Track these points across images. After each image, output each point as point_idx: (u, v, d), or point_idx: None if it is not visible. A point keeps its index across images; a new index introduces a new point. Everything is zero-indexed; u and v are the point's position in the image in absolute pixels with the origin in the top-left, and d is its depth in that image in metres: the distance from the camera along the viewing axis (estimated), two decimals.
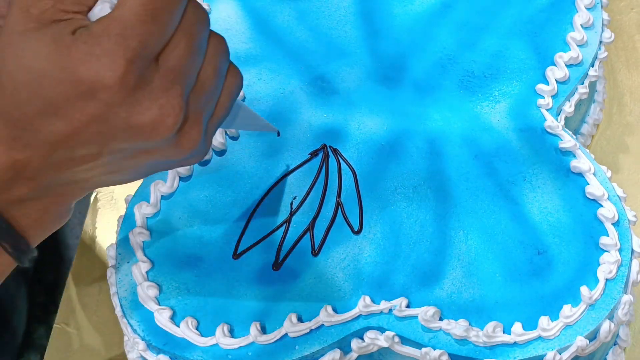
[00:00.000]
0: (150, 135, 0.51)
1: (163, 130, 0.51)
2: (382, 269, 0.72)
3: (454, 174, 0.76)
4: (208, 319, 0.71)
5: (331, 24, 0.85)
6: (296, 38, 0.85)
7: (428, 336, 0.70)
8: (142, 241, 0.74)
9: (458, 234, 0.74)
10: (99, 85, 0.48)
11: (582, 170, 0.76)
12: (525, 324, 0.70)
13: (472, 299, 0.71)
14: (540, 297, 0.71)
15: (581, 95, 0.81)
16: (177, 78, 0.51)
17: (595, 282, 0.71)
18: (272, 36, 0.85)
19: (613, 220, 0.73)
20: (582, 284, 0.71)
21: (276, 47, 0.84)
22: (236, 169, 0.78)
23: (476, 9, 0.85)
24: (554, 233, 0.73)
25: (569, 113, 0.80)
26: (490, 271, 0.72)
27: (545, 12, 0.84)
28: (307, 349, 0.70)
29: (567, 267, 0.72)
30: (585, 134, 0.87)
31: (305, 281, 0.72)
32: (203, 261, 0.73)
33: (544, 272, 0.72)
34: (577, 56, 0.81)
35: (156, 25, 0.49)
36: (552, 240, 0.73)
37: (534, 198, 0.75)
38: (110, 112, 0.49)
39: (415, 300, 0.71)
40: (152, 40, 0.49)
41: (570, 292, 0.71)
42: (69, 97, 0.48)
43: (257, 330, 0.70)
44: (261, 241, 0.74)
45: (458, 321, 0.69)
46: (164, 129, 0.51)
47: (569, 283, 0.71)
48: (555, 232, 0.73)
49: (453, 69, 0.82)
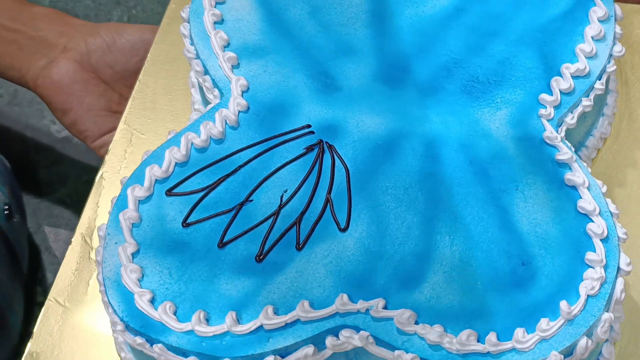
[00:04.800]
0: None
1: None
2: (363, 268, 0.69)
3: (447, 178, 0.73)
4: (187, 305, 0.68)
5: (342, 21, 0.82)
6: (306, 33, 0.81)
7: (402, 339, 0.66)
8: (132, 223, 0.72)
9: (444, 238, 0.70)
10: None
11: (576, 184, 0.71)
12: (500, 334, 0.65)
13: (451, 305, 0.67)
14: (520, 308, 0.67)
15: (585, 108, 0.76)
16: None
17: (577, 297, 0.67)
18: (282, 29, 0.81)
19: (602, 236, 0.69)
20: (563, 298, 0.66)
21: (285, 40, 0.81)
22: (232, 159, 0.74)
23: (489, 15, 0.81)
24: (540, 245, 0.69)
25: (571, 125, 0.75)
26: (472, 278, 0.68)
27: (557, 22, 0.80)
28: (281, 343, 0.66)
29: (550, 280, 0.68)
30: (591, 147, 0.82)
31: (287, 275, 0.69)
32: (189, 248, 0.70)
33: (526, 283, 0.68)
34: (584, 68, 0.76)
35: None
36: (538, 252, 0.69)
37: (524, 208, 0.71)
38: None
39: (393, 302, 0.67)
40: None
41: (550, 306, 0.66)
42: None
43: (233, 320, 0.67)
44: (248, 232, 0.71)
45: (433, 326, 0.66)
46: None
47: (550, 296, 0.67)
48: (542, 244, 0.69)
49: (458, 73, 0.78)
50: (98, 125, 0.98)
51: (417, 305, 0.67)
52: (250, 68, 0.79)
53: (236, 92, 0.77)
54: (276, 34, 0.81)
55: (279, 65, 0.79)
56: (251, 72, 0.79)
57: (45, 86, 0.98)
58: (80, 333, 0.78)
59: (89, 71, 0.97)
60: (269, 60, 0.79)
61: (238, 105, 0.77)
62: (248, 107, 0.77)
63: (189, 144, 0.75)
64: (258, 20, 0.82)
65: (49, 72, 0.97)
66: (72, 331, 0.78)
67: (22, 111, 1.21)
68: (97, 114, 0.98)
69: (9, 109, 1.21)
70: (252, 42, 0.81)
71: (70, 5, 1.33)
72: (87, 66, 0.97)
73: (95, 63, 0.97)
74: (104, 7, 1.34)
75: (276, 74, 0.79)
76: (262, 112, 0.77)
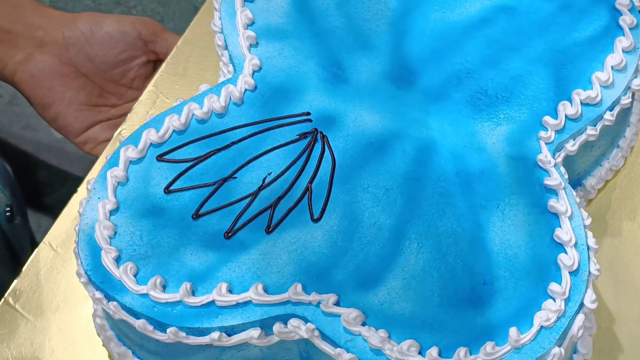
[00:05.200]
0: None
1: None
2: (326, 261, 0.68)
3: (429, 186, 0.71)
4: (148, 269, 0.69)
5: (367, 16, 0.81)
6: (329, 22, 0.80)
7: (346, 338, 0.65)
8: (117, 182, 0.73)
9: (412, 244, 0.69)
10: None
11: (558, 211, 0.69)
12: (443, 350, 0.64)
13: (402, 312, 0.66)
14: (470, 327, 0.65)
15: (589, 137, 0.73)
16: None
17: (530, 326, 0.65)
18: (307, 16, 0.81)
19: (571, 269, 0.67)
20: (516, 324, 0.65)
21: (307, 27, 0.80)
22: (227, 134, 0.75)
23: (513, 29, 0.79)
24: (507, 267, 0.67)
25: (571, 151, 0.73)
26: (429, 289, 0.67)
27: (581, 47, 0.77)
28: (229, 321, 0.66)
29: (508, 304, 0.66)
30: (597, 177, 0.79)
31: (250, 255, 0.69)
32: (164, 214, 0.71)
33: (482, 303, 0.66)
34: (596, 96, 0.74)
35: None
36: (503, 274, 0.67)
37: (500, 227, 0.69)
38: None
39: (346, 299, 0.67)
40: None
41: (501, 330, 0.65)
42: None
43: (186, 291, 0.67)
44: (223, 208, 0.71)
45: (378, 331, 0.65)
46: None
47: (503, 321, 0.65)
48: (509, 267, 0.67)
49: (468, 83, 0.76)
50: (79, 120, 0.96)
51: (369, 307, 0.66)
52: (267, 49, 0.79)
53: (247, 71, 0.78)
54: (300, 20, 0.81)
55: (295, 50, 0.79)
56: (267, 53, 0.79)
57: (24, 81, 0.95)
58: (64, 280, 0.80)
59: (67, 65, 0.94)
60: (287, 44, 0.79)
61: (246, 83, 0.77)
62: (255, 87, 0.77)
63: (189, 114, 0.76)
64: (286, 4, 0.82)
65: (27, 67, 0.94)
66: (57, 276, 0.80)
67: (22, 111, 1.22)
68: (78, 108, 0.96)
69: (9, 109, 1.22)
70: (276, 24, 0.81)
71: (70, 5, 1.34)
72: (65, 60, 0.94)
73: (73, 57, 0.94)
74: (104, 7, 1.35)
75: (290, 58, 0.79)
76: (267, 94, 0.77)
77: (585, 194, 0.79)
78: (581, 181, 0.78)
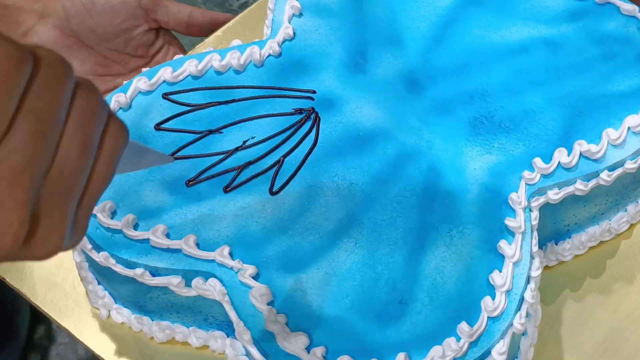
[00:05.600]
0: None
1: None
2: (262, 235, 0.68)
3: (393, 192, 0.69)
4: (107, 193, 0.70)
5: (412, 15, 0.79)
6: (375, 12, 0.79)
7: (249, 312, 0.65)
8: (119, 107, 0.75)
9: (349, 243, 0.67)
10: None
11: (505, 254, 0.66)
12: (330, 353, 0.63)
13: (310, 304, 0.65)
14: (365, 340, 0.63)
15: (576, 191, 0.69)
16: (16, 178, 0.38)
17: (421, 358, 0.62)
18: (357, 1, 0.80)
19: (492, 314, 0.63)
20: (411, 352, 0.62)
21: (352, 11, 0.80)
22: (228, 91, 0.76)
23: (547, 64, 0.75)
24: (429, 292, 0.65)
25: (553, 200, 0.69)
26: (345, 291, 0.65)
27: (607, 99, 0.72)
28: (156, 262, 0.68)
29: (412, 329, 0.63)
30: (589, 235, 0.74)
31: (199, 208, 0.70)
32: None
33: (389, 320, 0.64)
34: (598, 152, 0.69)
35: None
36: (422, 298, 0.65)
37: (441, 252, 0.66)
38: None
39: (265, 276, 0.66)
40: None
41: (392, 353, 0.62)
42: None
43: (128, 222, 0.68)
44: (196, 157, 0.72)
45: (278, 315, 0.64)
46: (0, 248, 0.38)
47: (398, 344, 0.63)
48: (432, 293, 0.65)
49: (478, 105, 0.73)
50: None
51: (281, 290, 0.66)
52: (306, 23, 0.79)
53: (278, 38, 0.78)
54: (349, 3, 0.80)
55: (331, 30, 0.79)
56: (304, 26, 0.79)
57: None
58: None
59: (70, 36, 0.91)
60: (325, 22, 0.79)
61: (271, 48, 0.77)
62: (280, 54, 0.77)
63: (209, 63, 0.77)
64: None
65: (29, 40, 0.90)
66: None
67: None
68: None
69: None
70: (324, 1, 0.80)
71: None
72: (67, 31, 0.91)
73: (75, 28, 0.91)
74: None
75: (323, 36, 0.78)
76: (287, 63, 0.77)
77: (573, 248, 0.74)
78: (571, 234, 0.74)
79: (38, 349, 1.11)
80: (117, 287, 0.72)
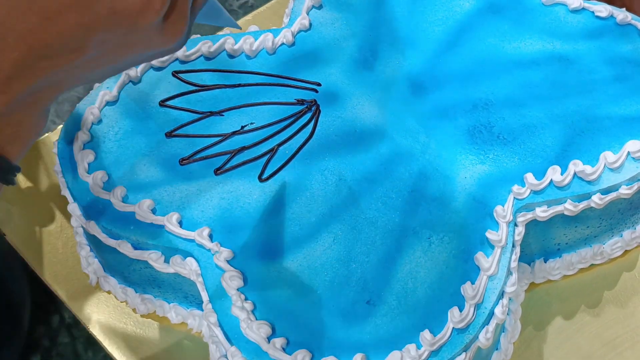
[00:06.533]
0: (137, 20, 0.45)
1: (150, 14, 0.45)
2: (244, 220, 0.68)
3: (379, 191, 0.68)
4: (103, 162, 0.71)
5: (430, 18, 0.78)
6: (393, 11, 0.78)
7: (219, 294, 0.65)
8: (129, 80, 0.76)
9: (328, 237, 0.66)
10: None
11: (481, 267, 0.64)
12: (291, 344, 0.62)
13: (278, 294, 0.64)
14: (325, 336, 0.62)
15: (565, 210, 0.67)
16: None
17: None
18: None
19: (458, 325, 0.62)
20: (370, 354, 0.61)
21: (371, 8, 0.79)
22: (235, 75, 0.75)
23: (556, 80, 0.73)
24: (398, 296, 0.64)
25: (540, 217, 0.67)
26: (315, 285, 0.65)
27: (611, 122, 0.70)
28: (138, 235, 0.68)
29: (375, 331, 0.62)
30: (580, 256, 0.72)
31: (188, 187, 0.70)
32: (147, 122, 0.73)
33: (353, 319, 0.63)
34: (592, 174, 0.67)
35: None
36: (391, 301, 0.64)
37: (418, 257, 0.65)
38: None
39: (240, 261, 0.66)
40: None
41: (350, 352, 0.61)
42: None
43: (117, 194, 0.69)
44: (194, 137, 0.72)
45: (246, 301, 0.64)
46: (152, 12, 0.45)
47: (358, 345, 0.62)
48: (401, 297, 0.64)
49: (479, 114, 0.72)
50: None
51: (253, 276, 0.65)
52: (324, 15, 0.78)
53: (294, 28, 0.77)
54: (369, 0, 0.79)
55: (347, 25, 0.78)
56: (322, 18, 0.78)
57: None
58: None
59: None
60: (343, 17, 0.78)
61: (284, 37, 0.77)
62: (293, 44, 0.77)
63: (222, 46, 0.77)
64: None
65: None
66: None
67: None
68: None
69: None
70: None
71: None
72: None
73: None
74: None
75: (338, 30, 0.77)
76: (298, 53, 0.76)
77: (562, 267, 0.72)
78: (561, 253, 0.72)
79: (39, 348, 1.12)
80: (105, 255, 0.73)
